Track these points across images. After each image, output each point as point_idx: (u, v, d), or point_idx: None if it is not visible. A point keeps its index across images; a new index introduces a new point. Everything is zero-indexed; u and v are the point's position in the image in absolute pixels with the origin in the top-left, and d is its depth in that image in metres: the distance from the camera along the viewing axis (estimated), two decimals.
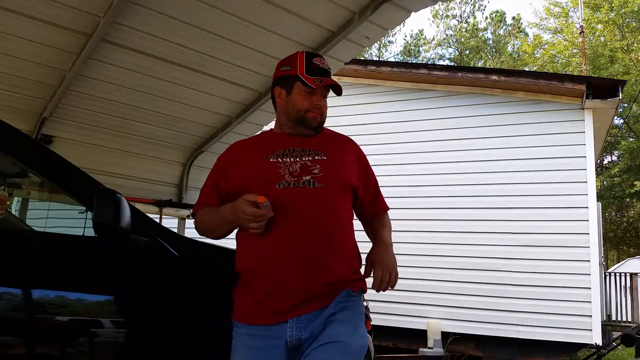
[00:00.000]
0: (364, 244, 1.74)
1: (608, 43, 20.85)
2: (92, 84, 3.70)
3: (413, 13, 3.42)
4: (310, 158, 1.66)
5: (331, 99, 1.79)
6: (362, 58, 9.42)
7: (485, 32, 27.66)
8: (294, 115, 1.70)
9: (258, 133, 1.85)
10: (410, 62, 25.81)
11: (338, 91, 1.71)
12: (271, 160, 1.65)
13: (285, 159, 1.65)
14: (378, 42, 25.74)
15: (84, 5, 3.00)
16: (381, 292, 1.65)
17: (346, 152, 1.75)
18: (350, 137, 1.84)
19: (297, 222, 1.56)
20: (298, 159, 1.65)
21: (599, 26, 20.85)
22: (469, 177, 6.43)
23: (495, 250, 6.16)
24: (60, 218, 4.14)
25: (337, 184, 1.64)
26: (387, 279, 1.63)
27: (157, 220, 3.31)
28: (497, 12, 27.52)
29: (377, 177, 1.84)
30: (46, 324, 1.64)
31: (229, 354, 1.70)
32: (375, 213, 1.82)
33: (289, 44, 3.62)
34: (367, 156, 1.82)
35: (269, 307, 1.55)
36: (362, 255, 1.73)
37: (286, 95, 1.72)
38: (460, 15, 28.34)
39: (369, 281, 1.66)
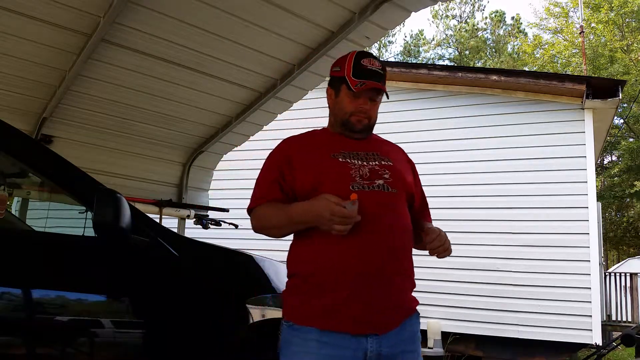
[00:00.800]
0: None
1: (608, 43, 20.86)
2: (92, 84, 3.70)
3: (413, 13, 3.42)
4: (377, 162, 1.63)
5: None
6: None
7: (485, 32, 27.67)
8: (340, 117, 1.69)
9: (308, 130, 1.78)
10: (410, 62, 25.82)
11: (385, 91, 1.66)
12: (340, 159, 1.61)
13: (353, 161, 1.61)
14: (378, 42, 25.74)
15: (84, 5, 2.99)
16: (435, 255, 1.60)
17: (402, 159, 1.75)
18: None
19: (374, 227, 1.52)
20: (365, 163, 1.62)
21: (599, 26, 20.84)
22: (469, 177, 6.43)
23: (495, 250, 6.17)
24: (60, 218, 4.14)
25: (404, 191, 1.63)
26: (442, 240, 1.58)
27: (157, 220, 3.31)
28: (497, 12, 27.54)
29: None
30: (46, 324, 1.64)
31: (229, 354, 1.70)
32: (423, 219, 1.79)
33: (289, 44, 3.62)
34: None
35: (348, 315, 1.50)
36: None
37: (334, 96, 1.71)
38: (460, 16, 28.36)
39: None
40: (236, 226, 5.00)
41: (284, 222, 1.59)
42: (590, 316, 5.72)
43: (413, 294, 1.65)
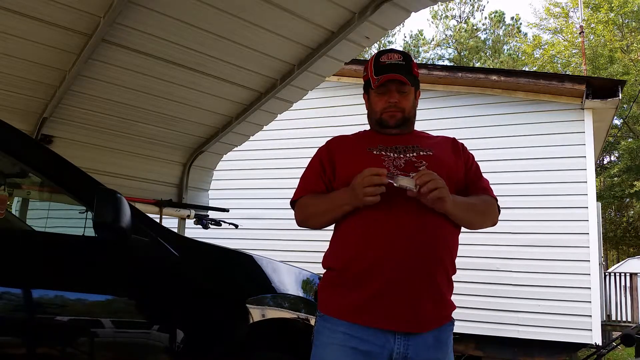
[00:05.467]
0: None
1: (608, 43, 20.87)
2: (92, 84, 3.70)
3: (413, 13, 3.42)
4: (414, 154, 1.63)
5: (331, 99, 1.79)
6: (362, 58, 9.42)
7: (485, 32, 27.67)
8: (374, 118, 1.72)
9: (357, 132, 1.81)
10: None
11: (403, 80, 1.65)
12: (374, 152, 1.63)
13: (388, 153, 1.63)
14: (378, 42, 25.72)
15: (84, 5, 2.99)
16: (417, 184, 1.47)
17: (447, 148, 1.72)
18: None
19: (406, 220, 1.52)
20: (402, 155, 1.62)
21: (599, 26, 20.85)
22: None
23: (495, 250, 6.16)
24: (60, 218, 4.14)
25: (445, 179, 1.56)
26: (428, 178, 1.47)
27: (157, 220, 3.31)
28: (497, 12, 27.51)
29: None
30: (46, 324, 1.64)
31: (229, 353, 1.69)
32: (475, 191, 1.70)
33: (289, 44, 3.62)
34: None
35: (376, 310, 1.50)
36: None
37: (368, 99, 1.75)
38: (460, 16, 28.35)
39: None
40: (236, 226, 5.00)
41: (325, 207, 1.62)
42: (590, 316, 5.71)
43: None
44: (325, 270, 1.68)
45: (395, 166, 1.59)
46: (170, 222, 4.07)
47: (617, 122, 18.75)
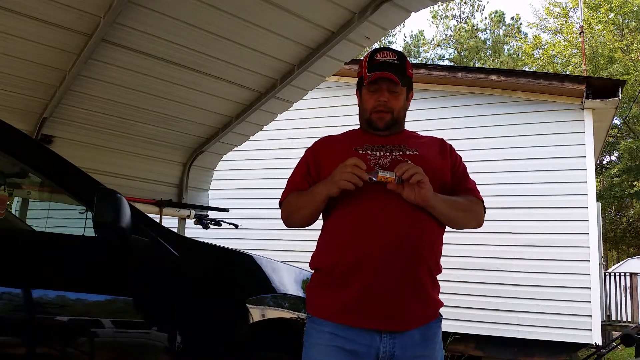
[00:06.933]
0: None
1: (608, 43, 20.89)
2: (92, 84, 3.70)
3: (413, 13, 3.42)
4: (401, 153, 1.63)
5: (331, 99, 1.79)
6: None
7: (485, 32, 27.67)
8: (364, 116, 1.72)
9: (345, 131, 1.82)
10: (410, 62, 25.73)
11: (394, 79, 1.64)
12: (360, 152, 1.64)
13: (374, 152, 1.63)
14: (378, 42, 25.75)
15: (84, 5, 3.00)
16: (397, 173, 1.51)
17: (434, 149, 1.72)
18: None
19: (389, 218, 1.52)
20: (388, 154, 1.63)
21: (599, 26, 20.86)
22: None
23: (495, 250, 6.17)
24: (60, 218, 4.14)
25: (430, 179, 1.57)
26: (407, 167, 1.50)
27: (157, 220, 3.31)
28: (497, 12, 27.52)
29: None
30: (46, 323, 1.64)
31: (229, 353, 1.69)
32: (461, 192, 1.70)
33: (289, 44, 3.63)
34: None
35: (360, 309, 1.51)
36: None
37: (360, 96, 1.74)
38: (460, 16, 28.35)
39: None
40: (236, 226, 5.00)
41: (304, 201, 1.64)
42: (590, 316, 5.72)
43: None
44: (313, 271, 1.68)
45: (380, 165, 1.60)
46: (170, 222, 4.07)
47: (617, 122, 18.75)
